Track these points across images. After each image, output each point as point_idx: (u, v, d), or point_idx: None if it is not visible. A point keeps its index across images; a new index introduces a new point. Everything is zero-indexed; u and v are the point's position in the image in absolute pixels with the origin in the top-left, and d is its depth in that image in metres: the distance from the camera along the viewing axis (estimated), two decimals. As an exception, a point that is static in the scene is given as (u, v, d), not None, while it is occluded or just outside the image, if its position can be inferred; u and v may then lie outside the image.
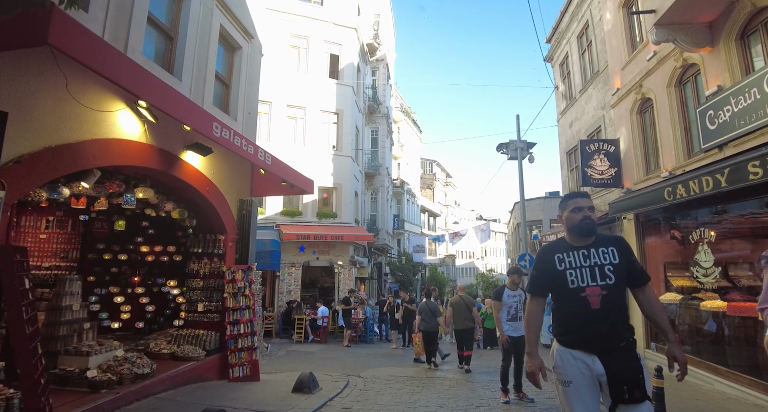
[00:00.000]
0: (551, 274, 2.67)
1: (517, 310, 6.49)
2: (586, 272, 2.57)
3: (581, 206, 2.70)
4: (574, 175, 13.51)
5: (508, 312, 6.49)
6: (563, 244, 2.77)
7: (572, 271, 2.60)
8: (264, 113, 17.98)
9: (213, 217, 7.65)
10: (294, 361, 11.39)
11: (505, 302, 6.52)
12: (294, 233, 16.41)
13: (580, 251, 2.65)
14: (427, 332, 9.77)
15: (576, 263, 2.62)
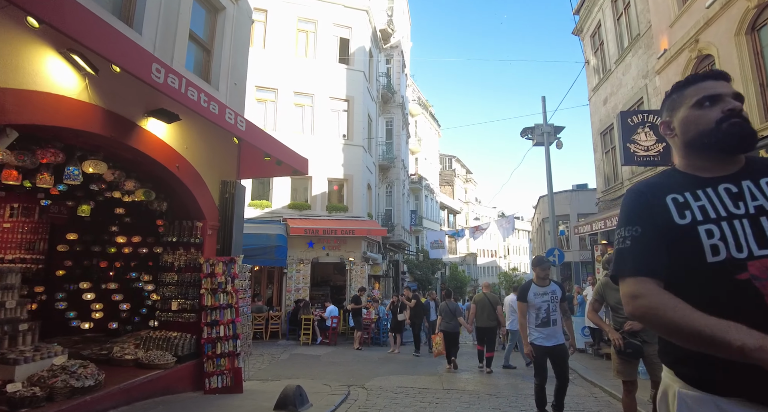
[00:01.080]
0: (665, 233, 1.31)
1: (548, 312, 5.06)
2: (745, 228, 1.24)
3: (719, 92, 1.36)
4: (610, 157, 12.03)
5: (537, 315, 5.07)
6: (680, 177, 1.42)
7: (712, 226, 1.27)
8: (270, 101, 16.98)
9: (188, 200, 6.53)
10: (296, 366, 10.24)
11: (531, 303, 5.11)
12: (302, 227, 15.29)
13: (722, 185, 1.33)
14: (448, 333, 9.45)
15: (718, 211, 1.29)
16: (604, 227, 9.96)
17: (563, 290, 5.46)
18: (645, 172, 9.79)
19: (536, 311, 5.09)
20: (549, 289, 5.17)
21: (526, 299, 5.16)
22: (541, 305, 5.07)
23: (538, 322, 5.06)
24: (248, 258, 14.68)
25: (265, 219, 15.83)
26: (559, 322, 5.14)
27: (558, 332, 5.09)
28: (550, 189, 15.38)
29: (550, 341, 5.00)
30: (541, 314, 5.05)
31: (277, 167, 7.40)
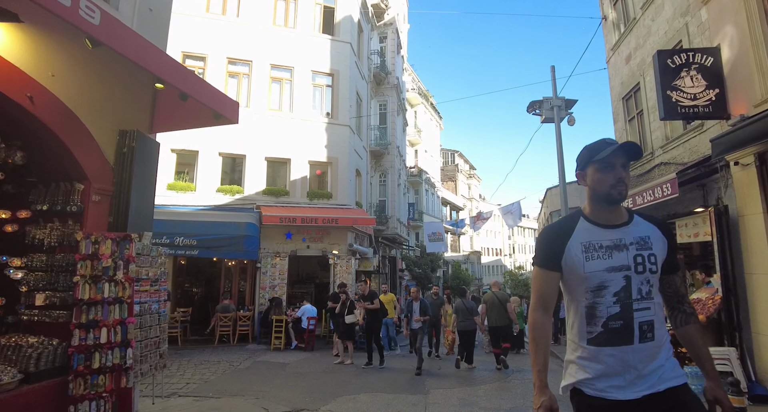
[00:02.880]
0: None
1: (629, 296, 3.06)
2: None
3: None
4: (636, 126, 10.05)
5: (595, 308, 2.95)
6: None
7: None
8: (243, 75, 15.12)
9: (59, 152, 4.64)
10: (251, 377, 8.33)
11: (576, 272, 2.95)
12: (277, 215, 13.40)
13: None
14: (464, 332, 9.29)
15: None
16: (634, 205, 7.99)
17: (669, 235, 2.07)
18: (685, 135, 7.79)
19: (592, 296, 1.88)
20: (630, 231, 1.92)
21: (560, 264, 1.95)
22: (609, 279, 1.86)
23: (598, 328, 1.85)
24: (211, 250, 12.84)
25: (235, 206, 13.96)
26: (663, 329, 1.91)
27: (661, 353, 1.87)
28: (562, 171, 13.39)
29: (642, 385, 1.80)
30: (606, 304, 1.85)
31: (204, 117, 5.52)
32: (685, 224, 8.05)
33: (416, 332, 9.35)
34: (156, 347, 5.40)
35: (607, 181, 1.86)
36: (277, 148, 14.73)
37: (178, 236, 12.18)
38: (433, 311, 10.43)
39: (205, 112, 5.35)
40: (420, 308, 9.56)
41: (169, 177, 13.97)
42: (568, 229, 1.93)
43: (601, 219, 1.92)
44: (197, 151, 14.17)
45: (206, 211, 13.46)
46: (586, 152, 1.96)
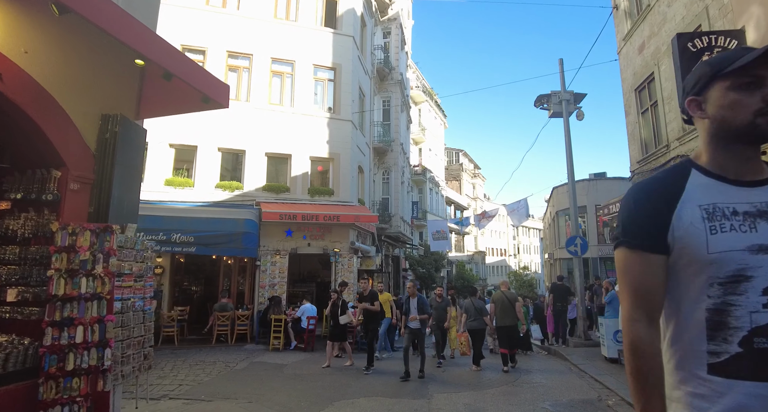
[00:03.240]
0: None
1: None
2: None
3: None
4: (649, 118, 9.62)
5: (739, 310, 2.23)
6: None
7: None
8: (244, 68, 14.79)
9: (35, 136, 4.29)
10: (247, 379, 7.97)
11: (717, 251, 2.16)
12: (276, 212, 13.05)
13: None
14: (475, 331, 9.28)
15: None
16: None
17: None
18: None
19: (722, 293, 1.15)
20: None
21: (666, 241, 1.22)
22: (753, 264, 1.12)
23: (731, 346, 1.11)
24: (209, 247, 12.48)
25: (234, 203, 13.62)
26: None
27: None
28: (570, 167, 12.99)
29: None
30: (748, 307, 1.11)
31: (192, 101, 5.16)
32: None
33: (416, 333, 8.45)
34: (140, 347, 5.04)
35: (750, 105, 1.15)
36: (277, 143, 14.38)
37: (174, 233, 11.86)
38: (438, 314, 9.55)
39: (192, 96, 4.97)
40: (417, 305, 8.58)
41: (168, 172, 13.66)
42: (675, 185, 1.22)
43: (730, 171, 1.21)
44: (196, 147, 13.86)
45: (205, 207, 13.14)
46: (708, 66, 1.23)
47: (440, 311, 9.78)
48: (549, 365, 9.84)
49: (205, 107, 5.30)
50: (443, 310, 9.88)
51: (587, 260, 25.22)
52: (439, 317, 9.66)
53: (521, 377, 8.20)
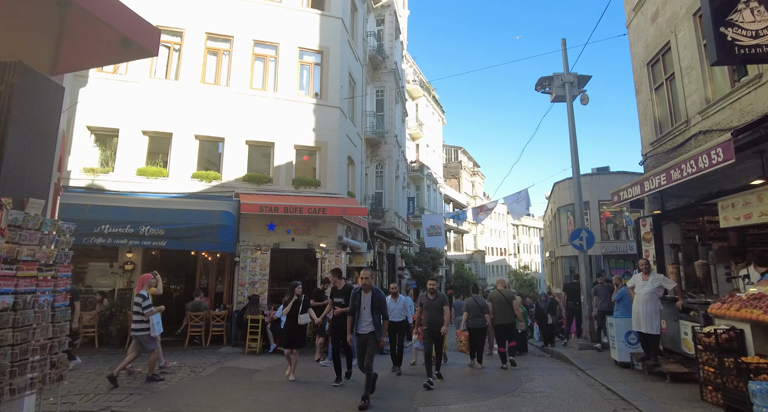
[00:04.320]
0: None
1: None
2: None
3: None
4: (664, 94, 8.64)
5: None
6: None
7: None
8: (224, 51, 13.81)
9: None
10: (208, 387, 6.98)
11: None
12: (256, 204, 12.06)
13: None
14: (476, 329, 9.01)
15: None
16: (668, 180, 6.59)
17: None
18: (734, 94, 6.38)
19: None
20: None
21: None
22: None
23: None
24: (181, 241, 11.42)
25: (212, 194, 12.63)
26: None
27: None
28: (575, 155, 12.02)
29: None
30: None
31: (112, 46, 4.15)
32: (731, 204, 6.63)
33: (364, 340, 6.30)
34: (47, 353, 4.05)
35: None
36: (259, 131, 13.41)
37: (143, 225, 10.86)
38: (431, 316, 7.49)
39: (111, 38, 3.99)
40: (372, 303, 6.40)
41: (141, 162, 12.68)
42: None
43: None
44: (171, 134, 12.87)
45: (179, 199, 12.15)
46: None
47: (433, 310, 7.60)
48: (553, 370, 8.85)
49: (127, 55, 4.30)
50: (437, 309, 7.60)
51: (591, 258, 24.18)
52: (433, 320, 7.50)
53: (522, 384, 7.21)
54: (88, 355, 9.87)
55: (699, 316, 6.88)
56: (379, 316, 6.39)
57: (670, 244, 8.47)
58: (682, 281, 8.05)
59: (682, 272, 8.11)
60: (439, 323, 7.48)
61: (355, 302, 6.42)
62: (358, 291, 6.49)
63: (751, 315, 4.91)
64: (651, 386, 6.63)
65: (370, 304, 6.38)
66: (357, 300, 6.42)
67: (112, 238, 10.76)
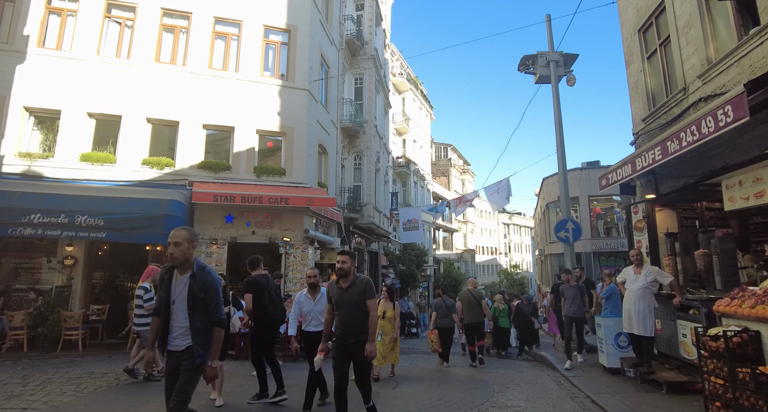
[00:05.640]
0: None
1: None
2: None
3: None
4: (657, 62, 7.63)
5: None
6: None
7: None
8: (181, 29, 12.66)
9: None
10: (117, 402, 5.86)
11: None
12: (209, 192, 10.92)
13: None
14: (444, 329, 9.21)
15: None
16: (664, 154, 5.55)
17: None
18: (741, 49, 5.35)
19: None
20: None
21: None
22: None
23: None
24: (123, 232, 10.09)
25: (165, 182, 11.49)
26: None
27: None
28: (561, 143, 11.00)
29: None
30: None
31: None
32: (738, 182, 5.61)
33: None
34: None
35: None
36: (218, 114, 12.27)
37: (79, 215, 9.69)
38: (346, 317, 4.41)
39: None
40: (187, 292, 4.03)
41: (87, 147, 11.51)
42: None
43: None
44: (120, 117, 11.71)
45: (126, 187, 11.00)
46: None
47: (348, 307, 4.64)
48: (533, 377, 7.78)
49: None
50: (354, 306, 4.60)
51: (579, 256, 23.24)
52: (347, 323, 4.34)
53: (493, 396, 6.13)
54: (12, 360, 8.73)
55: (701, 315, 5.84)
56: (201, 318, 3.42)
57: (665, 233, 7.44)
58: (679, 275, 7.02)
59: (679, 264, 7.07)
60: (358, 327, 4.31)
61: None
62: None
63: (771, 313, 3.87)
64: (644, 399, 5.57)
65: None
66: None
67: (43, 228, 9.57)
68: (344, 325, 4.33)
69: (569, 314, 8.15)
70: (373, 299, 4.38)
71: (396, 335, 7.29)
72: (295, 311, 5.85)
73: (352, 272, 4.43)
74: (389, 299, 7.70)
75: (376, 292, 4.50)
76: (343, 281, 4.38)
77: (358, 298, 4.31)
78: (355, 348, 4.24)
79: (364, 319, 4.29)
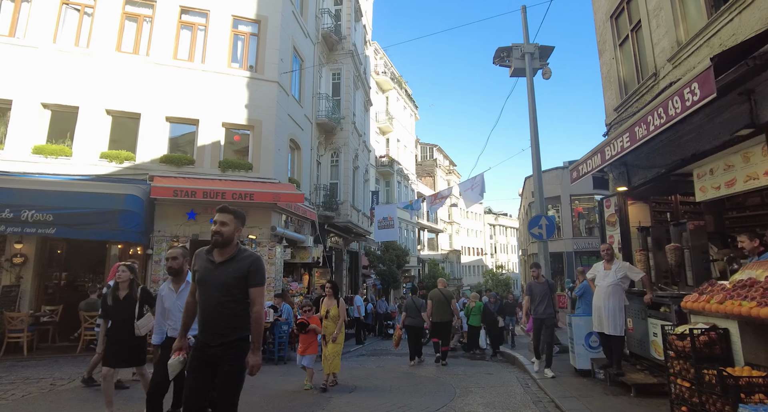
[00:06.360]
0: None
1: None
2: None
3: None
4: (629, 48, 7.31)
5: None
6: None
7: None
8: (145, 18, 12.11)
9: None
10: (48, 410, 5.32)
11: None
12: (169, 187, 10.40)
13: None
14: (413, 328, 9.37)
15: None
16: (622, 149, 5.21)
17: None
18: (712, 27, 5.02)
19: None
20: None
21: None
22: None
23: None
24: (75, 228, 9.42)
25: (124, 177, 10.92)
26: None
27: None
28: (535, 133, 10.66)
29: None
30: None
31: None
32: (709, 170, 5.27)
33: None
34: None
35: None
36: (183, 106, 11.74)
37: (26, 210, 9.11)
38: None
39: None
40: None
41: (40, 139, 10.91)
42: None
43: None
44: (77, 108, 11.13)
45: (81, 181, 10.41)
46: None
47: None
48: (499, 379, 7.39)
49: None
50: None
51: (561, 255, 23.03)
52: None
53: (453, 401, 5.72)
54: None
55: (671, 312, 5.50)
56: None
57: (637, 227, 7.11)
58: (651, 271, 6.68)
59: (651, 259, 6.74)
60: (225, 323, 2.95)
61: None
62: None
63: (740, 309, 3.51)
64: (610, 403, 5.20)
65: None
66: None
67: (-15, 224, 8.98)
68: (206, 319, 2.90)
69: (537, 315, 7.20)
70: (259, 287, 3.00)
71: (336, 337, 6.49)
72: (159, 309, 4.20)
73: (235, 241, 3.05)
74: (333, 296, 6.76)
75: (265, 280, 3.14)
76: (219, 253, 3.00)
77: (233, 280, 2.92)
78: (220, 354, 2.86)
79: (239, 312, 2.93)
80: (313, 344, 6.32)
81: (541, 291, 7.25)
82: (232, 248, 3.03)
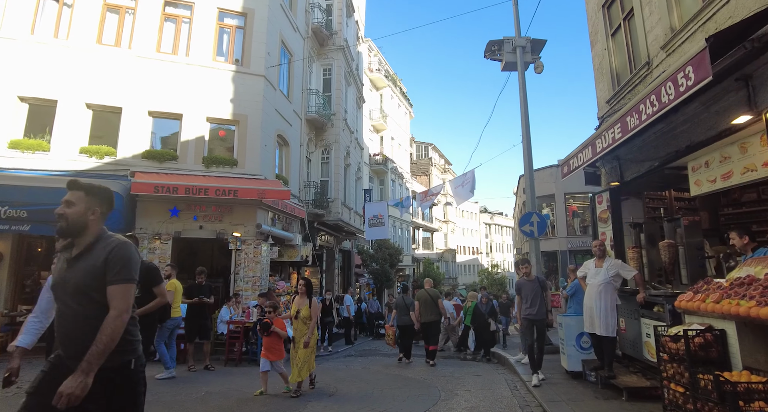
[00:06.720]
0: None
1: None
2: None
3: None
4: (621, 38, 7.04)
5: None
6: None
7: None
8: (127, 10, 11.78)
9: None
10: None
11: None
12: (150, 183, 10.07)
13: None
14: (404, 327, 9.48)
15: None
16: (613, 141, 4.95)
17: None
18: (707, 10, 4.76)
19: None
20: None
21: None
22: None
23: None
24: (51, 224, 9.26)
25: (105, 173, 10.60)
26: None
27: None
28: (526, 128, 10.40)
29: None
30: None
31: None
32: (705, 162, 5.02)
33: None
34: None
35: None
36: (166, 100, 11.42)
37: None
38: None
39: None
40: None
41: (17, 133, 10.57)
42: None
43: None
44: (56, 101, 10.79)
45: (59, 177, 10.05)
46: None
47: None
48: (488, 381, 7.12)
49: None
50: None
51: (555, 254, 22.81)
52: None
53: (436, 405, 5.44)
54: None
55: (665, 312, 5.23)
56: None
57: (630, 223, 6.85)
58: (644, 269, 6.42)
59: (645, 257, 6.48)
60: (82, 336, 2.12)
61: None
62: None
63: (737, 309, 3.24)
64: (600, 408, 4.93)
65: None
66: None
67: (-44, 221, 8.65)
68: (61, 331, 2.18)
69: (527, 315, 6.49)
70: (121, 285, 2.14)
71: (308, 340, 5.88)
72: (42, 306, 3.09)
73: (94, 227, 2.27)
74: (305, 295, 6.15)
75: (134, 274, 2.23)
76: (74, 245, 2.26)
77: (89, 280, 2.15)
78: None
79: (98, 321, 2.08)
80: (277, 347, 6.01)
81: (532, 289, 6.55)
82: (89, 235, 2.24)
